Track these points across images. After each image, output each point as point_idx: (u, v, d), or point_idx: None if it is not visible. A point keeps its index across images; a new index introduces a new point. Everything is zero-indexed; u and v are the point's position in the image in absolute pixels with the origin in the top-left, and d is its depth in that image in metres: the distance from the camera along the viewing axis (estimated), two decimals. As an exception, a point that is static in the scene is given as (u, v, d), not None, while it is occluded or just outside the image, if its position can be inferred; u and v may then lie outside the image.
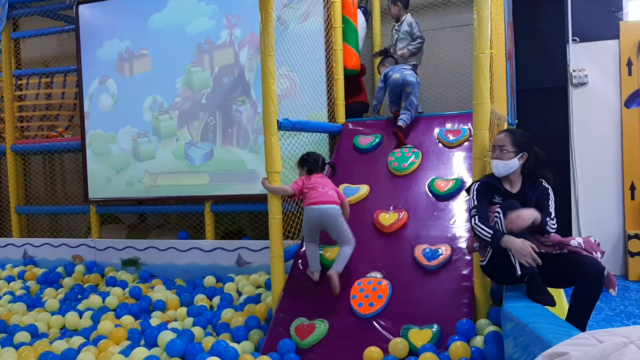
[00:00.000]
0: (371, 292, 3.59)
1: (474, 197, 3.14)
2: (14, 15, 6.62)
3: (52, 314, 4.52)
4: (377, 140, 4.72)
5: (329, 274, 3.69)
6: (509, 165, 3.10)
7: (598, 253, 2.91)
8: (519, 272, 2.87)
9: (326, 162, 4.20)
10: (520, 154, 3.09)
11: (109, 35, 5.74)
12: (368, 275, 3.77)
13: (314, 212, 3.84)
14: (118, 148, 5.73)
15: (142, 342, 3.79)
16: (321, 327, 3.51)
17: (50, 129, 6.73)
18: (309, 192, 3.92)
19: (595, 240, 2.96)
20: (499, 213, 3.00)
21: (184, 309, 4.43)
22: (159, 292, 4.87)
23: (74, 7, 5.92)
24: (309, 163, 4.07)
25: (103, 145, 5.79)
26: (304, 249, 4.14)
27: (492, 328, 3.17)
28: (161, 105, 5.57)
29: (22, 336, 3.98)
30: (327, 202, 3.82)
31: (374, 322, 3.47)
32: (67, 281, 5.39)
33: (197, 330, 3.89)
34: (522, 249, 2.84)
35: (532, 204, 3.06)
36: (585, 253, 2.89)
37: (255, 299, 4.41)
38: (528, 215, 2.91)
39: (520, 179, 3.17)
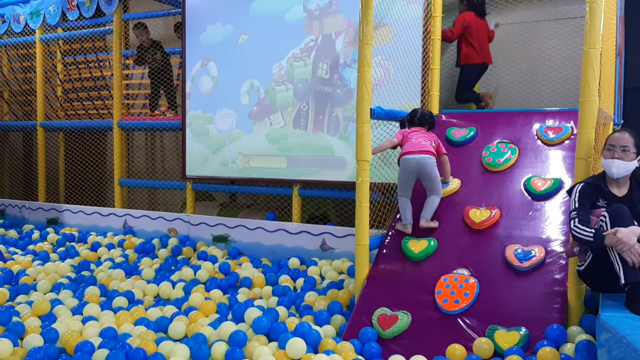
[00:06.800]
0: (457, 289, 3.54)
1: (576, 199, 3.00)
2: (125, -2, 7.00)
3: (148, 282, 4.81)
4: (472, 133, 4.60)
5: (420, 223, 4.05)
6: (630, 166, 2.96)
7: None
8: (623, 281, 2.72)
9: (426, 116, 4.37)
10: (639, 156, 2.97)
11: (212, 20, 5.93)
12: (455, 271, 3.71)
13: (409, 161, 4.10)
14: (215, 129, 5.95)
15: (230, 316, 3.96)
16: (404, 319, 3.51)
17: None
18: (404, 144, 4.19)
19: None
20: (604, 217, 2.86)
21: (269, 288, 4.57)
22: (246, 269, 5.04)
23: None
24: (402, 120, 4.43)
25: (202, 126, 6.02)
26: (388, 239, 4.15)
27: (584, 336, 3.04)
28: (258, 90, 5.72)
29: (120, 301, 4.28)
30: (422, 152, 4.08)
31: (459, 320, 3.42)
32: (162, 252, 5.71)
33: (281, 310, 4.00)
34: (630, 240, 2.68)
35: (638, 209, 2.92)
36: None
37: (338, 285, 4.47)
38: (628, 236, 2.71)
39: (628, 182, 3.02)
